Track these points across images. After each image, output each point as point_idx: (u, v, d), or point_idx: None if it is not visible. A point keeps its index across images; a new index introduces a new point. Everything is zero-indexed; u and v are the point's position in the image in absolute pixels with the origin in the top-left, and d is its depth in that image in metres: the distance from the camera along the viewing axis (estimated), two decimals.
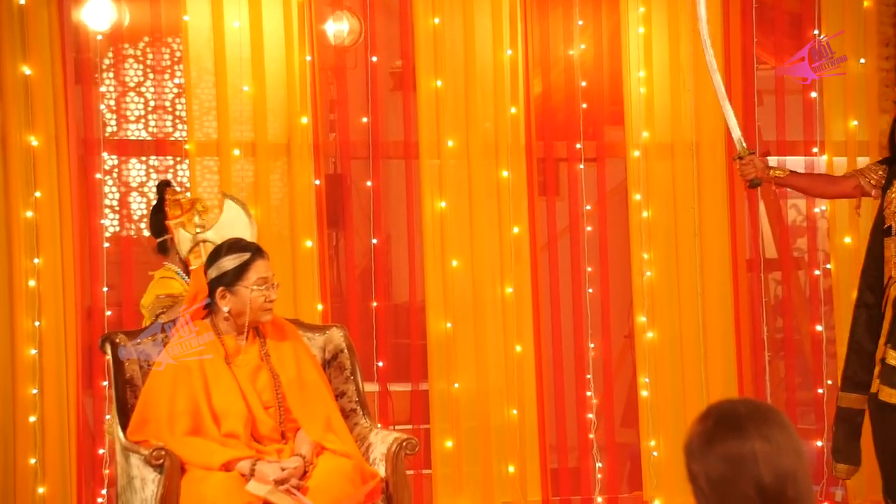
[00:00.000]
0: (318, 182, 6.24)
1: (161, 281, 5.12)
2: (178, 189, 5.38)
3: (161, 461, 4.19)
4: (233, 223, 4.90)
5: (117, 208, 7.51)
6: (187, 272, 4.97)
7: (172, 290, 5.03)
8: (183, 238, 4.88)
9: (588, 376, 6.44)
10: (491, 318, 6.31)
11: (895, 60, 6.29)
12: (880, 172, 5.22)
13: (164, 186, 5.12)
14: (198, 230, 4.86)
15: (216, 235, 4.80)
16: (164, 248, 5.15)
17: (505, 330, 6.26)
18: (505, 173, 6.36)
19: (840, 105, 6.52)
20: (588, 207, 6.52)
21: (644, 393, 6.41)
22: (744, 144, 5.35)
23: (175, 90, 7.31)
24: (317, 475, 4.27)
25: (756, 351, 6.55)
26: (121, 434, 4.44)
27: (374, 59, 6.35)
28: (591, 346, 6.47)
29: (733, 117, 5.38)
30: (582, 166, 6.53)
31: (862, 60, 6.42)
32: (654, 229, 6.42)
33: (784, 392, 6.71)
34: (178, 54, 6.90)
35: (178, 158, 7.16)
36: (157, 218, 5.09)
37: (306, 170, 6.22)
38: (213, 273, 4.42)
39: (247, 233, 4.80)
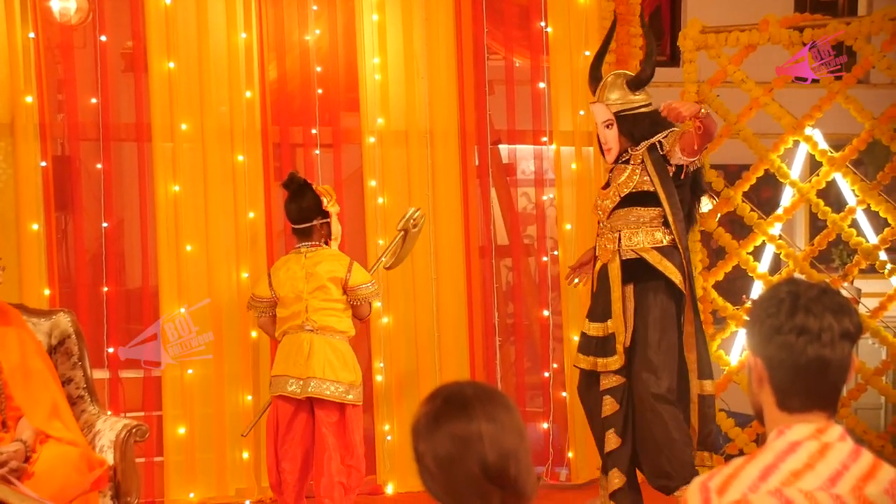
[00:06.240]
0: (44, 164, 6.05)
1: (358, 266, 5.44)
2: None
3: None
4: None
5: None
6: None
7: None
8: None
9: None
10: (226, 303, 6.26)
11: (616, 54, 6.51)
12: None
13: (301, 178, 5.44)
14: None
15: None
16: (313, 232, 5.44)
17: (241, 315, 6.20)
18: (240, 158, 6.31)
19: (567, 96, 6.73)
20: None
21: (379, 378, 6.47)
22: None
23: None
24: (41, 463, 4.12)
25: (487, 336, 6.71)
26: None
27: (104, 38, 6.19)
28: None
29: None
30: (318, 152, 6.54)
31: (587, 53, 6.63)
32: (389, 215, 6.48)
33: (514, 376, 6.88)
34: None
35: None
36: (311, 205, 5.38)
37: (32, 151, 6.02)
38: None
39: None
